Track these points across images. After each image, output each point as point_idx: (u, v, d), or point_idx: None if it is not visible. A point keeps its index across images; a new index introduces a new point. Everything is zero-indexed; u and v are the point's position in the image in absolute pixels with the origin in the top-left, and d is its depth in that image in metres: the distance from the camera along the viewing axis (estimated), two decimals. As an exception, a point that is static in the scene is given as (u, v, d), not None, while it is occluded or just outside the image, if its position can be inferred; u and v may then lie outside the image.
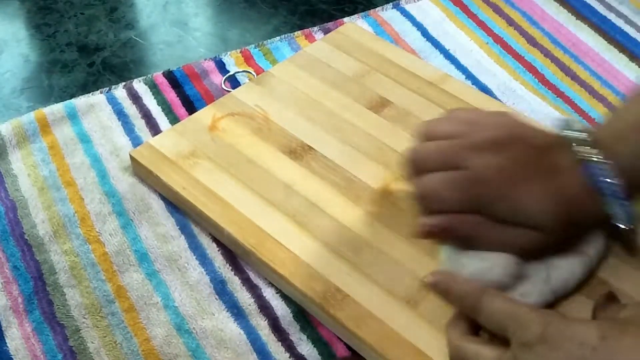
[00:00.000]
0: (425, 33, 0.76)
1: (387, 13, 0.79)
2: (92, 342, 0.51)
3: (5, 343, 0.51)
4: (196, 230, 0.57)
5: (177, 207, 0.59)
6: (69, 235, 0.57)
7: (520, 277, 0.48)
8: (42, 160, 0.63)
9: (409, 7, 0.79)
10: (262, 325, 0.52)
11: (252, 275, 0.55)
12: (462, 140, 0.48)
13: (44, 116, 0.66)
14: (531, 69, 0.72)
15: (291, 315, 0.52)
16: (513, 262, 0.47)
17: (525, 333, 0.42)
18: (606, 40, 0.75)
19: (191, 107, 0.68)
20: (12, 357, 0.50)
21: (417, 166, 0.49)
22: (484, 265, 0.47)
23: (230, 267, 0.55)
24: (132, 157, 0.61)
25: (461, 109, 0.54)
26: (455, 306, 0.47)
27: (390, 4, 0.80)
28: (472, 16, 0.79)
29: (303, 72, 0.68)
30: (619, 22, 0.77)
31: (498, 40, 0.76)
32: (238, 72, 0.72)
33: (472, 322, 0.46)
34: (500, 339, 0.44)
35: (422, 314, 0.49)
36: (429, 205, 0.48)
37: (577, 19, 0.77)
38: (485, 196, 0.46)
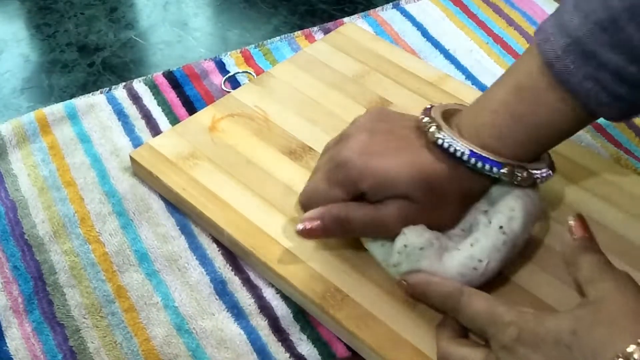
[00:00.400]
0: (425, 33, 0.76)
1: (387, 13, 0.79)
2: (92, 342, 0.51)
3: (5, 343, 0.51)
4: (196, 230, 0.57)
5: (177, 207, 0.59)
6: (69, 235, 0.57)
7: (454, 234, 0.49)
8: (42, 160, 0.63)
9: (409, 7, 0.79)
10: (262, 326, 0.52)
11: (252, 276, 0.55)
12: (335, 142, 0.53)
13: (44, 116, 0.66)
14: (531, 69, 0.72)
15: (291, 315, 0.52)
16: (425, 228, 0.49)
17: (503, 337, 0.42)
18: (606, 40, 0.75)
19: (191, 108, 0.68)
20: (12, 357, 0.50)
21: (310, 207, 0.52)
22: (402, 238, 0.48)
23: (230, 268, 0.55)
24: (132, 159, 0.61)
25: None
26: (437, 308, 0.48)
27: (390, 4, 0.80)
28: (472, 16, 0.79)
29: (303, 73, 0.68)
30: (619, 22, 0.77)
31: (498, 40, 0.76)
32: (238, 72, 0.72)
33: (459, 322, 0.47)
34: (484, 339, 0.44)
35: (422, 314, 0.49)
36: (312, 206, 0.51)
37: (577, 19, 0.77)
38: (351, 176, 0.49)
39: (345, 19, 0.78)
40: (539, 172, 0.49)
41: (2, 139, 0.64)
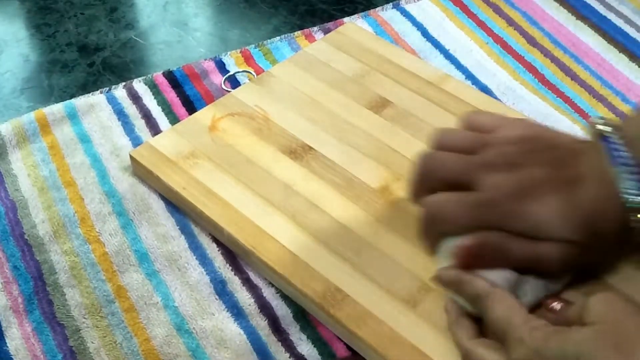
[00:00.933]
0: (425, 33, 0.76)
1: (387, 13, 0.79)
2: (92, 342, 0.51)
3: (5, 343, 0.51)
4: (196, 230, 0.57)
5: (177, 207, 0.59)
6: (69, 235, 0.57)
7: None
8: (42, 160, 0.63)
9: (409, 7, 0.79)
10: (262, 325, 0.52)
11: (252, 275, 0.55)
12: (475, 157, 0.47)
13: (44, 116, 0.66)
14: (531, 69, 0.72)
15: (291, 315, 0.52)
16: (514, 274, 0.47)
17: (513, 353, 0.42)
18: (606, 40, 0.75)
19: (191, 107, 0.68)
20: (12, 357, 0.50)
21: (425, 176, 0.48)
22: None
23: (230, 267, 0.55)
24: (132, 158, 0.61)
25: (478, 114, 0.52)
26: (468, 302, 0.47)
27: (390, 4, 0.80)
28: (472, 16, 0.79)
29: (303, 72, 0.68)
30: (619, 22, 0.77)
31: (498, 40, 0.76)
32: (238, 72, 0.72)
33: (475, 321, 0.46)
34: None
35: (422, 314, 0.49)
36: (438, 227, 0.47)
37: (577, 19, 0.77)
38: (499, 216, 0.45)
39: (345, 19, 0.78)
40: None
41: (2, 139, 0.64)
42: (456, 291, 0.47)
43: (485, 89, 0.70)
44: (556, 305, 0.45)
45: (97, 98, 0.69)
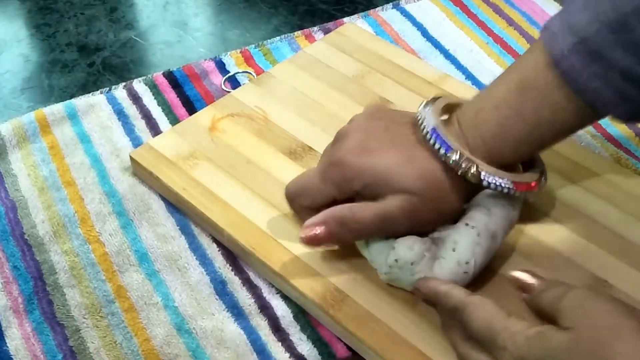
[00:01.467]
0: (425, 33, 0.76)
1: (387, 13, 0.79)
2: (92, 342, 0.51)
3: (5, 343, 0.51)
4: (196, 230, 0.57)
5: (177, 207, 0.59)
6: (69, 235, 0.57)
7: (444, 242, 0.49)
8: (42, 160, 0.63)
9: (409, 7, 0.79)
10: (262, 325, 0.52)
11: (252, 276, 0.55)
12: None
13: (44, 116, 0.66)
14: (531, 69, 0.72)
15: (291, 315, 0.52)
16: (417, 239, 0.49)
17: (503, 358, 0.42)
18: (606, 40, 0.75)
19: (191, 108, 0.68)
20: (12, 357, 0.50)
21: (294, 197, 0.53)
22: (393, 254, 0.48)
23: (230, 268, 0.55)
24: (132, 159, 0.61)
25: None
26: (447, 315, 0.47)
27: (390, 4, 0.80)
28: (472, 16, 0.79)
29: (303, 73, 0.68)
30: (619, 23, 0.76)
31: (498, 40, 0.76)
32: (238, 72, 0.72)
33: None
34: None
35: (422, 314, 0.49)
36: (301, 204, 0.52)
37: (577, 19, 0.77)
38: (345, 174, 0.49)
39: (345, 19, 0.78)
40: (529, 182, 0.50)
41: (2, 139, 0.64)
42: (436, 303, 0.48)
43: (485, 89, 0.70)
44: (527, 277, 0.45)
45: (97, 98, 0.69)
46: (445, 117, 0.51)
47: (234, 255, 0.56)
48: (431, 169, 0.49)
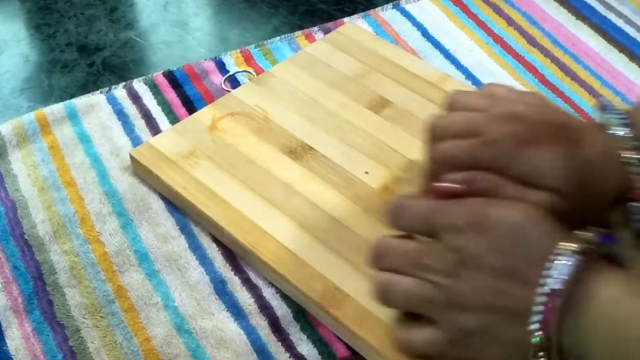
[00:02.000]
0: (425, 33, 0.76)
1: (387, 13, 0.79)
2: (92, 342, 0.51)
3: (5, 343, 0.51)
4: (196, 230, 0.57)
5: (177, 207, 0.59)
6: (69, 235, 0.57)
7: None
8: (42, 160, 0.63)
9: (409, 7, 0.79)
10: (262, 325, 0.52)
11: (252, 275, 0.55)
12: (484, 113, 0.48)
13: (44, 116, 0.66)
14: (531, 69, 0.72)
15: (291, 315, 0.52)
16: None
17: (453, 221, 0.42)
18: (606, 40, 0.75)
19: (191, 107, 0.68)
20: (12, 357, 0.50)
21: (436, 133, 0.49)
22: None
23: (230, 267, 0.55)
24: (132, 157, 0.61)
25: (495, 85, 0.53)
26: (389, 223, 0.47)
27: (390, 4, 0.80)
28: (472, 16, 0.79)
29: (303, 72, 0.68)
30: (619, 22, 0.77)
31: (498, 40, 0.76)
32: (238, 72, 0.72)
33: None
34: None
35: (422, 313, 0.49)
36: (441, 168, 0.48)
37: (577, 19, 0.77)
38: (498, 157, 0.46)
39: (345, 19, 0.78)
40: None
41: (2, 139, 0.64)
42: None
43: (485, 89, 0.70)
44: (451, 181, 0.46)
45: (97, 98, 0.69)
46: None
47: (234, 255, 0.56)
48: (584, 167, 0.45)
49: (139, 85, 0.70)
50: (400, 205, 0.46)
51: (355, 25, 0.75)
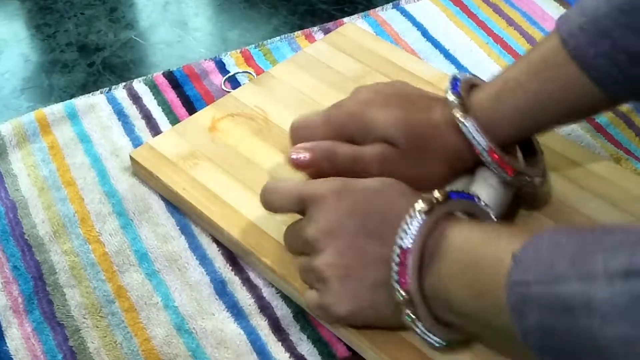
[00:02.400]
0: (425, 33, 0.76)
1: (387, 13, 0.79)
2: (92, 342, 0.51)
3: (5, 343, 0.51)
4: (196, 230, 0.57)
5: (177, 207, 0.59)
6: (69, 235, 0.57)
7: None
8: (42, 160, 0.63)
9: (409, 7, 0.79)
10: (262, 325, 0.52)
11: (252, 276, 0.55)
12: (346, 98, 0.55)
13: (44, 116, 0.66)
14: (531, 69, 0.72)
15: (291, 315, 0.52)
16: None
17: (317, 191, 0.47)
18: (606, 40, 0.75)
19: (191, 108, 0.68)
20: (12, 357, 0.50)
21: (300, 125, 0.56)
22: None
23: (230, 267, 0.55)
24: (132, 158, 0.61)
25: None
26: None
27: (390, 4, 0.80)
28: (472, 16, 0.79)
29: (303, 73, 0.68)
30: (619, 23, 0.76)
31: (498, 40, 0.76)
32: (238, 72, 0.72)
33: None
34: None
35: (422, 314, 0.49)
36: (300, 136, 0.54)
37: (577, 19, 0.77)
38: (342, 119, 0.53)
39: (345, 19, 0.78)
40: (536, 179, 0.52)
41: (2, 139, 0.64)
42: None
43: (485, 89, 0.70)
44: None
45: (97, 98, 0.69)
46: None
47: (234, 255, 0.56)
48: (420, 124, 0.51)
49: (139, 85, 0.70)
50: (271, 188, 0.50)
51: (355, 26, 0.75)
